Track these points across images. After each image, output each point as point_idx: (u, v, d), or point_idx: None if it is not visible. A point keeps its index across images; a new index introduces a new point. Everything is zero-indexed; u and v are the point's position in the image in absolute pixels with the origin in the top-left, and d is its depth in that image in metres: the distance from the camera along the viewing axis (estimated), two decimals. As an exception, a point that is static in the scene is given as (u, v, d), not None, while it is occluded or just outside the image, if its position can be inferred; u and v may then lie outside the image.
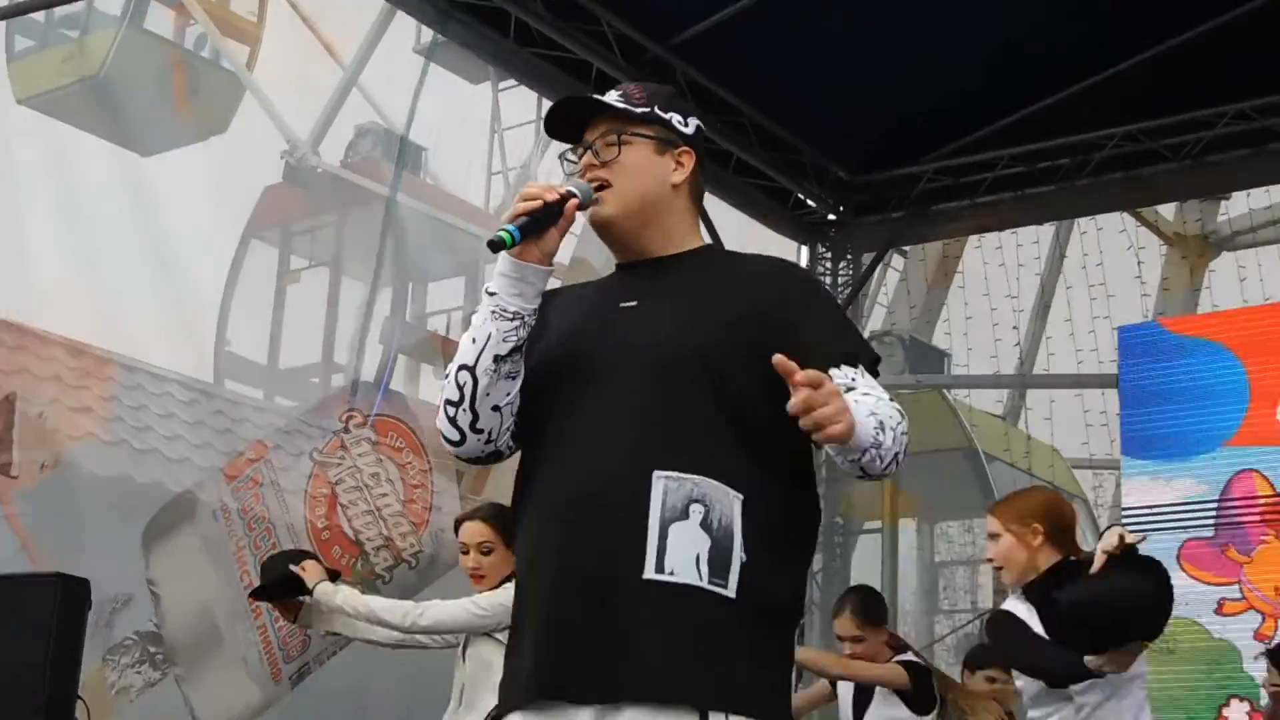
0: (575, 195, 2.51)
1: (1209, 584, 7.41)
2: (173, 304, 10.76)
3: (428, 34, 9.67)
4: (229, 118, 12.85)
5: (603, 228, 2.61)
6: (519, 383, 2.55)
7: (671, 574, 2.36)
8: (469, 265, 12.11)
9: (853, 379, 2.46)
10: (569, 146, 2.66)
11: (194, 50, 13.33)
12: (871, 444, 2.35)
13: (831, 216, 9.39)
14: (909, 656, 5.65)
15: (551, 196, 2.48)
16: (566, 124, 2.65)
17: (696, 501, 2.39)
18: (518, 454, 2.62)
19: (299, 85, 12.77)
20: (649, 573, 2.36)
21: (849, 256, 9.33)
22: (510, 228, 2.45)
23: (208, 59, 13.20)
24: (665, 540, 2.37)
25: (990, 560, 4.15)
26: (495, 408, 2.54)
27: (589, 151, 2.61)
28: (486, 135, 11.51)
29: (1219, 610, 7.42)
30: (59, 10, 12.98)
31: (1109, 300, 8.67)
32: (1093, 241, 8.86)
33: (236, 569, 8.09)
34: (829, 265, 9.31)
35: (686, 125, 2.66)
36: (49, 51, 13.33)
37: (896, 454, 2.41)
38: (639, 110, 2.62)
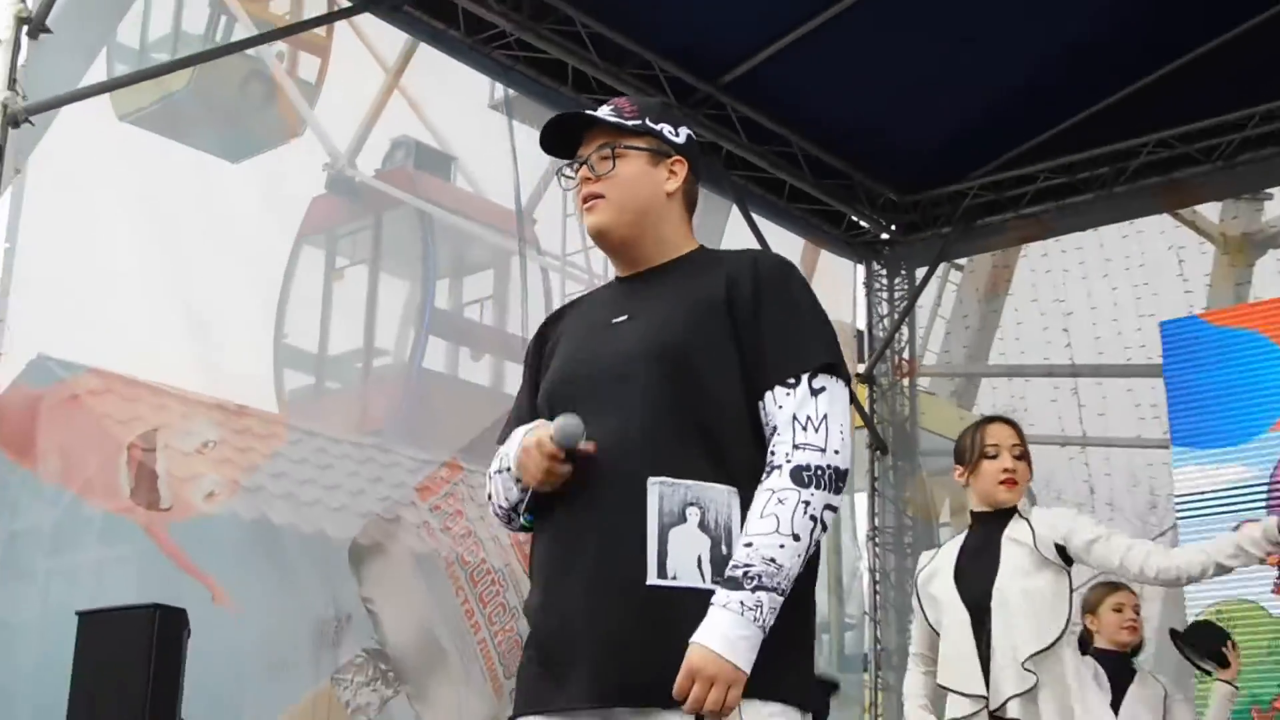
0: (575, 446, 2.51)
1: (1264, 565, 7.58)
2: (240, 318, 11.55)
3: (499, 90, 10.24)
4: (303, 124, 13.54)
5: (600, 236, 2.70)
6: None
7: (674, 578, 2.41)
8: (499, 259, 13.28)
9: (781, 403, 2.49)
10: (566, 162, 2.74)
11: (269, 64, 13.77)
12: (773, 585, 2.37)
13: (884, 236, 9.80)
14: None
15: (556, 474, 2.51)
16: (563, 141, 2.73)
17: (692, 505, 2.44)
18: None
19: (345, 101, 13.62)
20: (652, 579, 2.42)
21: (903, 272, 9.74)
22: (527, 519, 2.63)
23: (285, 71, 13.73)
24: (665, 545, 2.42)
25: None
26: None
27: (584, 166, 2.69)
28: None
29: (1276, 590, 7.58)
30: (151, 35, 13.96)
31: (1154, 298, 9.06)
32: (1134, 244, 9.25)
33: (450, 585, 8.26)
34: (884, 281, 9.75)
35: (677, 135, 2.73)
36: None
37: (802, 552, 2.41)
38: (630, 123, 2.69)
